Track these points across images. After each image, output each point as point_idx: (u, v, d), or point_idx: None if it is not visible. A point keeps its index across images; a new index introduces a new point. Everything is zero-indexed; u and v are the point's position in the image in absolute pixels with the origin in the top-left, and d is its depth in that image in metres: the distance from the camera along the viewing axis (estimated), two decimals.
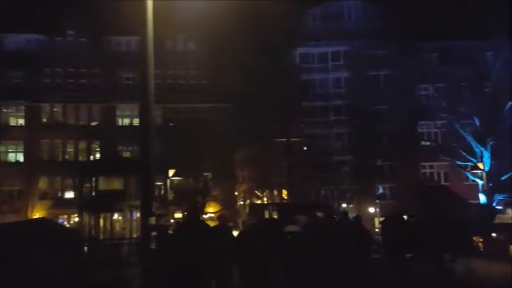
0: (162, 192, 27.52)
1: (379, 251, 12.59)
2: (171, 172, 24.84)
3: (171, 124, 33.22)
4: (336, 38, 34.17)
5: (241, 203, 43.80)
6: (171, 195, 28.76)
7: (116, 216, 22.90)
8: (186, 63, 35.39)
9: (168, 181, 26.17)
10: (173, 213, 29.22)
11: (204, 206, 31.37)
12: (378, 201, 32.25)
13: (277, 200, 36.77)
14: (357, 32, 34.13)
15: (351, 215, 14.39)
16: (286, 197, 36.07)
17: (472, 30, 24.68)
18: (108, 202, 20.38)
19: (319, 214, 11.34)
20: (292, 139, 32.49)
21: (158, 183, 27.33)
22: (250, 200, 42.03)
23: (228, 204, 33.38)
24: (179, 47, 36.34)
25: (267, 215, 19.48)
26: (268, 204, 32.02)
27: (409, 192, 30.20)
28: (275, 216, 19.17)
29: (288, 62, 36.72)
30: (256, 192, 42.47)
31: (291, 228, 10.09)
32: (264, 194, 41.37)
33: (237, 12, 24.49)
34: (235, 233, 8.49)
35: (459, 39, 26.10)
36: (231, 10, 20.80)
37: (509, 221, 23.87)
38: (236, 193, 41.33)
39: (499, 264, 13.31)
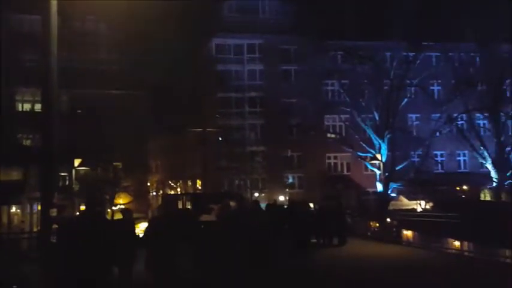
0: (67, 183, 25.96)
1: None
2: (77, 162, 23.52)
3: (78, 111, 31.32)
4: (251, 31, 34.73)
5: (154, 193, 42.87)
6: (76, 186, 27.24)
7: (14, 209, 21.33)
8: (96, 47, 33.39)
9: (74, 171, 24.77)
10: (79, 205, 27.73)
11: (113, 197, 30.19)
12: (287, 190, 33.79)
13: (191, 190, 36.63)
14: (271, 27, 35.03)
15: (263, 204, 15.00)
16: (200, 187, 36.10)
17: (373, 31, 26.55)
18: (5, 194, 18.93)
19: (231, 203, 11.63)
20: (207, 129, 32.51)
21: (62, 174, 25.79)
22: (163, 191, 41.33)
23: (139, 195, 32.47)
24: (89, 28, 34.11)
25: (180, 205, 19.42)
26: (181, 194, 31.82)
27: (315, 181, 32.26)
28: (188, 207, 19.19)
29: (204, 52, 36.52)
30: (170, 182, 41.85)
31: (205, 217, 10.24)
32: (178, 184, 40.95)
33: None
34: (144, 224, 8.41)
35: (361, 40, 27.97)
36: None
37: (402, 208, 26.54)
38: (148, 184, 40.31)
39: (392, 246, 14.82)
